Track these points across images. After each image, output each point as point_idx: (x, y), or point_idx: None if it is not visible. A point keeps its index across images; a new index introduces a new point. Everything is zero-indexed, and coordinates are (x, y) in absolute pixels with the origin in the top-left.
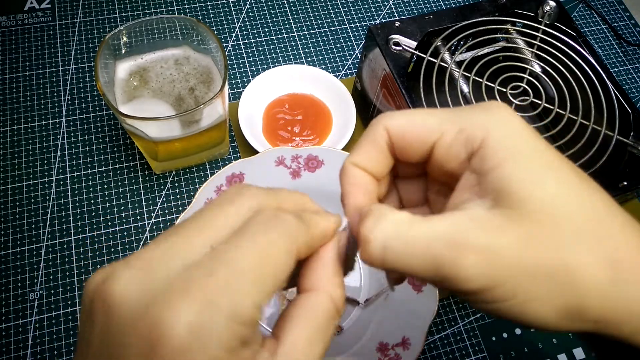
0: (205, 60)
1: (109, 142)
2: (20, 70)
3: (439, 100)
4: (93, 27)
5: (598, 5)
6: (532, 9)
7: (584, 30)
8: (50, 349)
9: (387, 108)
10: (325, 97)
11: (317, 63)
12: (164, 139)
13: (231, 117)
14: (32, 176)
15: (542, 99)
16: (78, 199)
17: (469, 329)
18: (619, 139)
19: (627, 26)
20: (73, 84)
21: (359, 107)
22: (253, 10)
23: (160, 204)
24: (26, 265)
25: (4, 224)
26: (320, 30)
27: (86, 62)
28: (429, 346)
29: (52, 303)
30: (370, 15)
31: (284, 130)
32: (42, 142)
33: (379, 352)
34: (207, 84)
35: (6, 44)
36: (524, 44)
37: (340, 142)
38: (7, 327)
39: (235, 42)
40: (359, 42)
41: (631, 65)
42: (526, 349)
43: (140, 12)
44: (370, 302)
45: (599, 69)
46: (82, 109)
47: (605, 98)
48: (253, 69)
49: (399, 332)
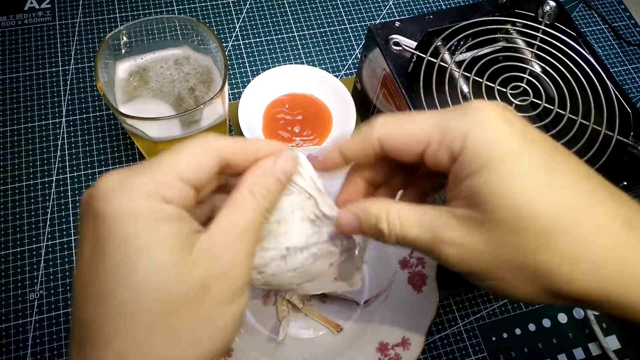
0: (205, 60)
1: (109, 142)
2: (20, 70)
3: (439, 100)
4: (93, 27)
5: (598, 5)
6: (532, 9)
7: (584, 30)
8: (50, 349)
9: (387, 108)
10: (325, 97)
11: (317, 63)
12: (164, 139)
13: (231, 117)
14: (32, 176)
15: (542, 99)
16: (78, 199)
17: (469, 329)
18: (619, 139)
19: (627, 26)
20: (73, 84)
21: (359, 107)
22: (253, 10)
23: None
24: (26, 265)
25: (4, 224)
26: (320, 30)
27: (86, 62)
28: (429, 346)
29: (52, 303)
30: (370, 15)
31: (284, 130)
32: (42, 142)
33: (379, 352)
34: (207, 84)
35: (6, 44)
36: (524, 44)
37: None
38: (7, 327)
39: (235, 42)
40: (359, 42)
41: (631, 65)
42: (526, 349)
43: (140, 12)
44: (370, 302)
45: (599, 69)
46: (82, 109)
47: (605, 98)
48: (253, 69)
49: (399, 332)
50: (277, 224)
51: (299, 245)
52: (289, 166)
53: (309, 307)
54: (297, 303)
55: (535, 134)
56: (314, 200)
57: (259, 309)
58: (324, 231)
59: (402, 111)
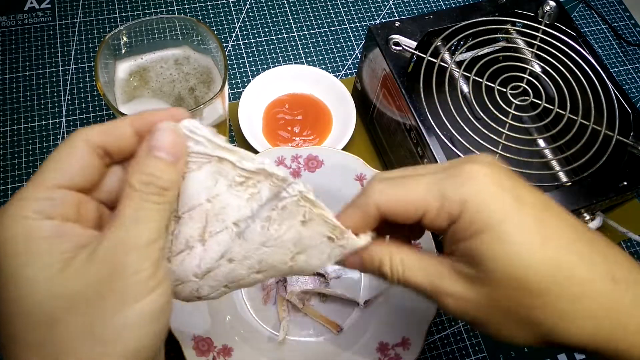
0: (205, 60)
1: None
2: (20, 70)
3: (439, 100)
4: (93, 27)
5: (598, 5)
6: (532, 9)
7: (584, 30)
8: None
9: (387, 108)
10: (325, 97)
11: (317, 63)
12: None
13: (231, 117)
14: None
15: (542, 99)
16: None
17: (469, 328)
18: (619, 139)
19: (627, 26)
20: (73, 84)
21: (359, 107)
22: (253, 10)
23: None
24: None
25: None
26: (320, 30)
27: (86, 62)
28: (429, 346)
29: None
30: (370, 15)
31: (284, 130)
32: (42, 142)
33: (379, 352)
34: (207, 84)
35: (6, 44)
36: (524, 44)
37: (340, 142)
38: None
39: (235, 42)
40: (359, 42)
41: (631, 65)
42: (526, 349)
43: (140, 12)
44: (369, 303)
45: (599, 69)
46: (82, 109)
47: (605, 98)
48: (253, 69)
49: (399, 332)
50: (209, 203)
51: (244, 214)
52: (171, 139)
53: (309, 307)
54: (297, 303)
55: (526, 193)
56: (227, 161)
57: (259, 309)
58: (262, 189)
59: (402, 113)
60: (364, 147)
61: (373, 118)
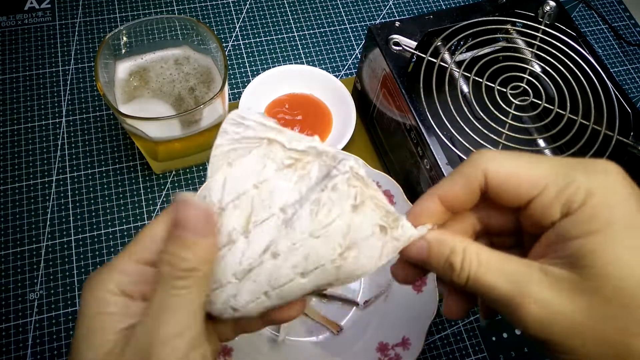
0: (205, 60)
1: (109, 142)
2: (20, 70)
3: (439, 100)
4: (93, 27)
5: (598, 5)
6: (532, 9)
7: (584, 30)
8: (50, 349)
9: (387, 108)
10: (325, 97)
11: (317, 63)
12: (164, 139)
13: None
14: (32, 176)
15: (542, 99)
16: (78, 199)
17: (469, 329)
18: (619, 139)
19: (627, 26)
20: (73, 84)
21: (359, 107)
22: (253, 10)
23: (161, 204)
24: (26, 265)
25: (4, 224)
26: (320, 30)
27: (86, 62)
28: (429, 346)
29: (52, 303)
30: (370, 15)
31: None
32: (42, 142)
33: (379, 352)
34: (207, 84)
35: (6, 44)
36: (523, 44)
37: (340, 142)
38: (7, 327)
39: (235, 42)
40: (359, 42)
41: (631, 65)
42: (526, 349)
43: (140, 12)
44: (369, 302)
45: (599, 69)
46: (82, 109)
47: (605, 98)
48: (253, 69)
49: (399, 332)
50: (256, 189)
51: (292, 199)
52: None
53: (309, 307)
54: None
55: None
56: (277, 143)
57: None
58: (312, 169)
59: (402, 113)
60: (363, 147)
61: (373, 118)
